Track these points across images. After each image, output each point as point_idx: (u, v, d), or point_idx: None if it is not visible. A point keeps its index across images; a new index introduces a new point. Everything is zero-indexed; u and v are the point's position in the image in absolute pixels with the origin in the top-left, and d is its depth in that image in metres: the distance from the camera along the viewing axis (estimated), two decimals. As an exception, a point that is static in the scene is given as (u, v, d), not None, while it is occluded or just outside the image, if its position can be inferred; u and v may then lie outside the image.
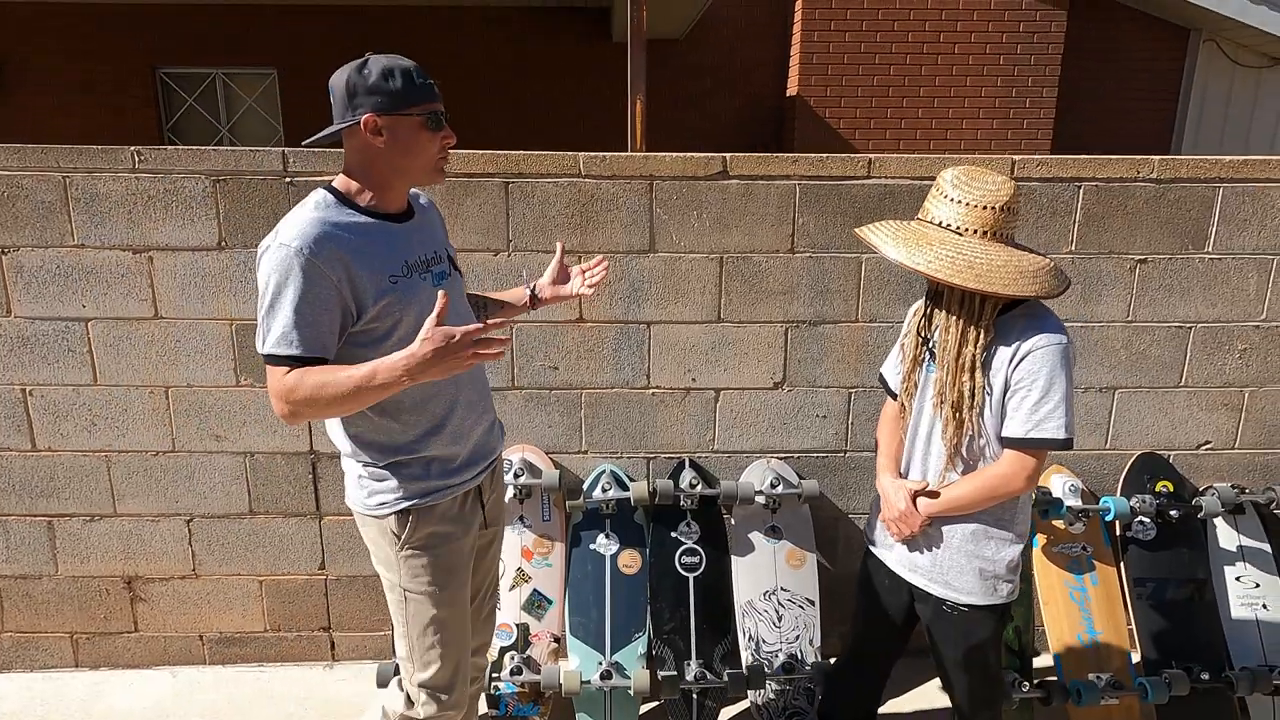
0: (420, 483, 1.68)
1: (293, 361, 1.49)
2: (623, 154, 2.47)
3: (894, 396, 2.01)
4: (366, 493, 1.69)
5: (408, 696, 1.88)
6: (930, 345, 1.85)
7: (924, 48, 6.79)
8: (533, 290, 1.99)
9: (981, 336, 1.73)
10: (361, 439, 1.66)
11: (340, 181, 1.61)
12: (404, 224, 1.66)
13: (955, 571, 1.87)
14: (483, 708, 2.52)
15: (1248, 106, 7.53)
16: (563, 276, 2.01)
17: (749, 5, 7.33)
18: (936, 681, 2.69)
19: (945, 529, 1.87)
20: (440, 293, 1.47)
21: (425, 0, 7.04)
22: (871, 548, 2.07)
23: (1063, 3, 6.78)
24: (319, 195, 1.58)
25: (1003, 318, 1.75)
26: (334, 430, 1.71)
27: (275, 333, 1.49)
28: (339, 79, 1.54)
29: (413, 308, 1.59)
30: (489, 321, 1.60)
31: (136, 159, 2.37)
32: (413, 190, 1.81)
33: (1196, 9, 6.77)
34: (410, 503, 1.68)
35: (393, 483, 1.67)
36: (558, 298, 2.01)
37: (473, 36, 7.45)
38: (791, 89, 7.19)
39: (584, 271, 2.00)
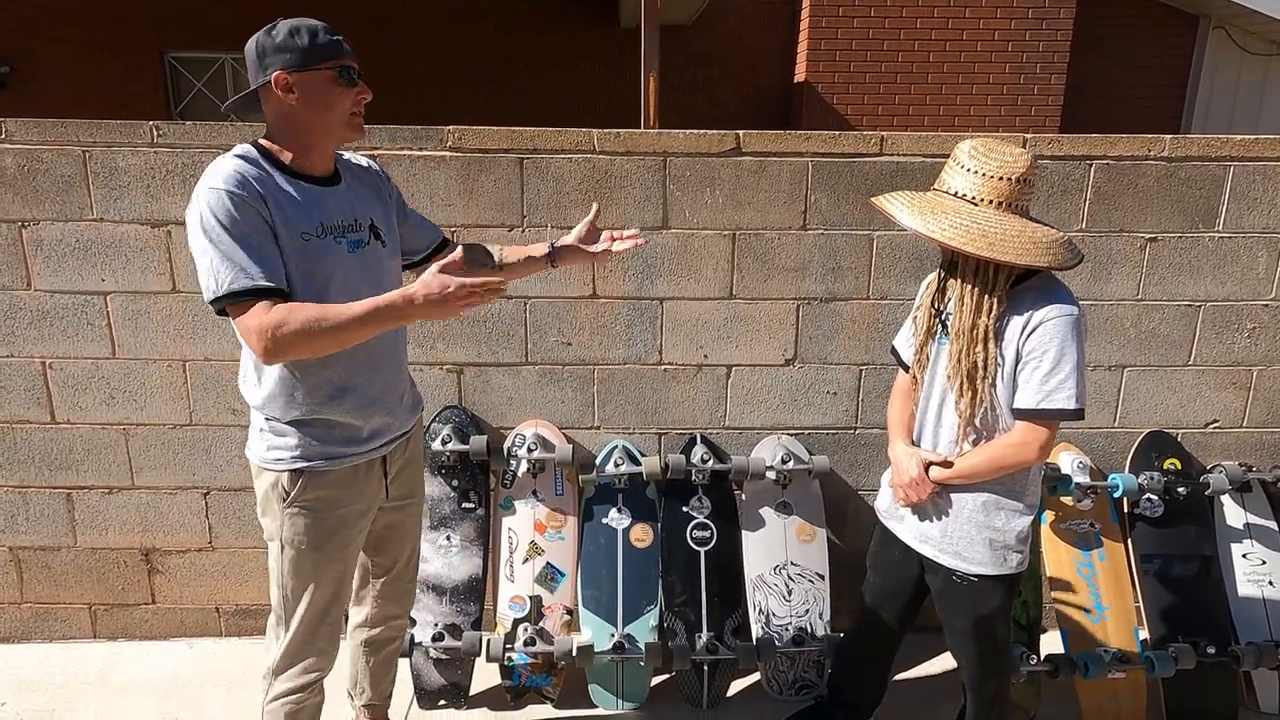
0: (319, 445, 1.70)
1: (256, 294, 1.49)
2: (636, 131, 2.49)
3: (906, 369, 2.03)
4: (265, 446, 1.71)
5: (272, 644, 1.87)
6: (943, 317, 1.87)
7: (932, 34, 6.77)
8: (553, 246, 1.98)
9: (995, 307, 1.75)
10: (269, 393, 1.67)
11: (266, 141, 1.63)
12: (326, 187, 1.66)
13: (965, 542, 1.89)
14: (497, 678, 2.56)
15: (1256, 94, 7.51)
16: (591, 237, 1.99)
17: (757, -9, 7.32)
18: (946, 655, 2.72)
19: (955, 499, 1.89)
20: (460, 249, 1.52)
21: (433, -14, 7.05)
22: (882, 519, 2.09)
23: (1072, -11, 6.77)
24: (244, 148, 1.60)
25: (1015, 289, 1.76)
26: (244, 383, 1.72)
27: (228, 272, 1.48)
28: (250, 44, 1.57)
29: (323, 269, 1.61)
30: (482, 280, 1.51)
31: (155, 133, 2.39)
32: (359, 160, 1.81)
33: (1206, -4, 6.76)
34: (304, 464, 1.69)
35: (291, 440, 1.68)
36: (580, 256, 1.97)
37: (478, 24, 7.45)
38: (799, 75, 7.18)
39: (614, 238, 1.98)
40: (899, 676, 2.67)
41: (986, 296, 1.75)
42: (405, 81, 7.28)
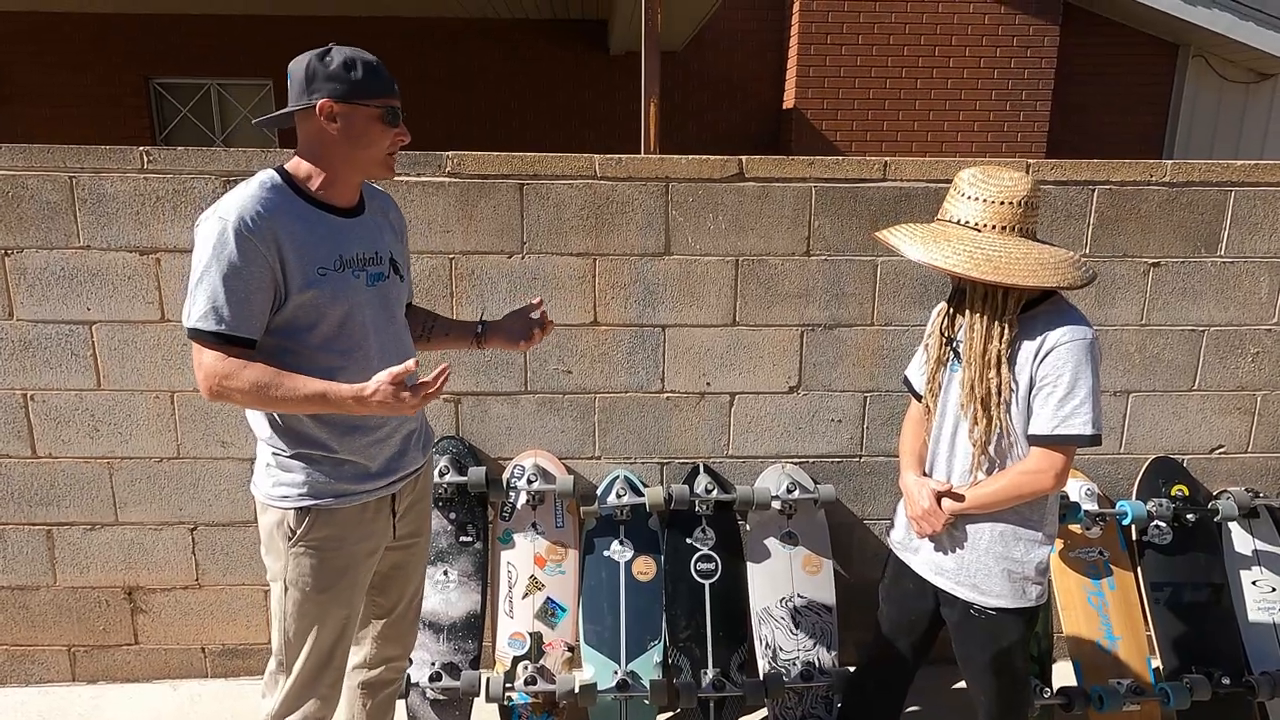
0: (328, 483, 1.64)
1: (220, 339, 1.47)
2: (638, 156, 2.46)
3: (919, 398, 1.99)
4: (272, 482, 1.65)
5: (271, 687, 1.79)
6: (954, 345, 1.84)
7: (919, 61, 6.85)
8: (482, 330, 1.89)
9: (1006, 332, 1.72)
10: (279, 425, 1.62)
11: (291, 165, 1.60)
12: (349, 218, 1.63)
13: (983, 574, 1.85)
14: (496, 718, 2.47)
15: (1235, 121, 7.64)
16: (523, 326, 1.88)
17: (746, 19, 7.38)
18: (960, 688, 2.66)
19: (971, 530, 1.85)
20: (413, 361, 1.49)
21: (421, 13, 7.05)
22: (896, 551, 2.04)
23: (1055, 18, 6.88)
24: (266, 175, 1.57)
25: (1026, 314, 1.74)
26: (253, 414, 1.67)
27: (203, 307, 1.46)
28: (299, 63, 1.55)
29: (340, 304, 1.58)
30: (431, 377, 1.48)
31: (145, 159, 2.34)
32: (378, 190, 1.79)
33: (1186, 25, 6.87)
34: (312, 502, 1.63)
35: (300, 477, 1.63)
36: (506, 344, 1.88)
37: (469, 50, 7.47)
38: (788, 102, 7.23)
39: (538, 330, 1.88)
40: (910, 709, 2.61)
41: (997, 322, 1.72)
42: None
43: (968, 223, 1.70)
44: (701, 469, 2.63)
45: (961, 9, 6.78)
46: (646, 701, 2.41)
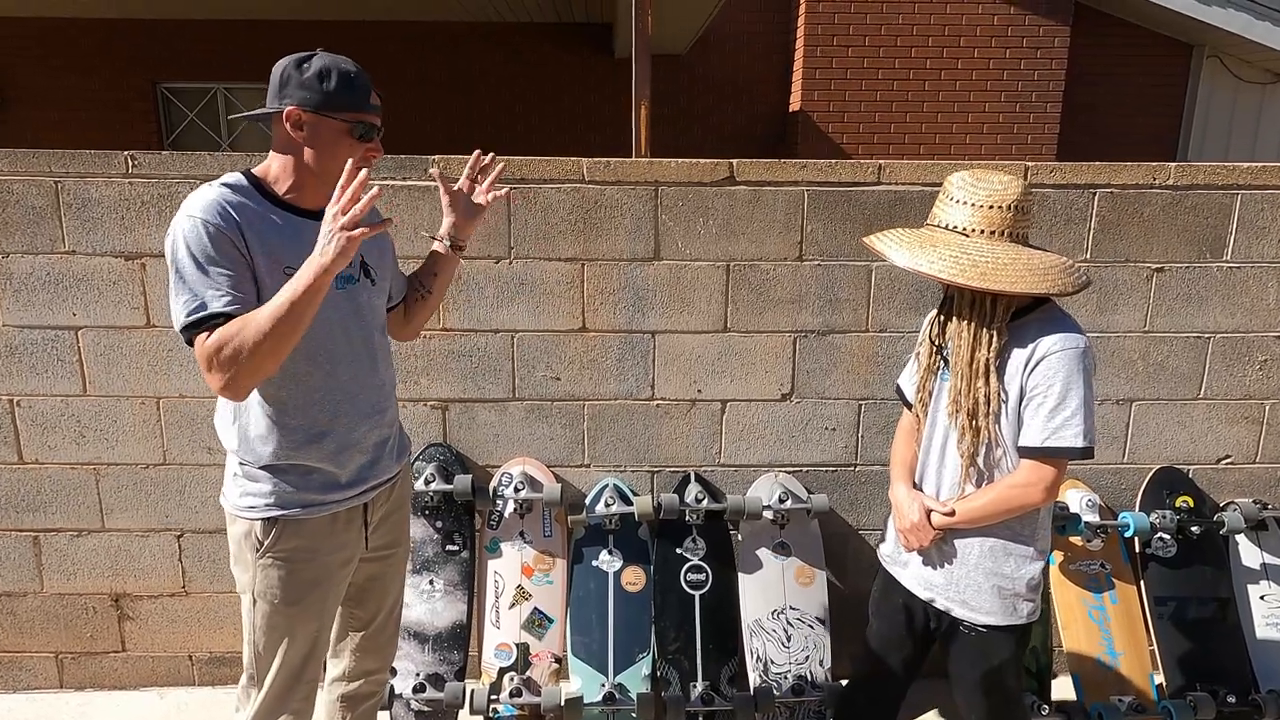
0: (295, 493, 1.61)
1: (217, 319, 1.40)
2: (627, 159, 2.42)
3: (910, 408, 1.95)
4: (239, 492, 1.62)
5: (244, 701, 1.75)
6: (944, 353, 1.80)
7: (927, 63, 6.78)
8: (436, 238, 1.85)
9: (994, 340, 1.67)
10: (245, 434, 1.59)
11: (261, 167, 1.59)
12: (318, 220, 1.56)
13: (973, 590, 1.80)
14: (481, 731, 2.43)
15: (1251, 122, 7.51)
16: (469, 206, 1.83)
17: (751, 20, 7.34)
18: (953, 705, 2.60)
19: (961, 545, 1.80)
20: (350, 161, 1.40)
21: (423, 16, 7.05)
22: (885, 565, 1.99)
23: (1066, 19, 6.78)
24: (233, 177, 1.54)
25: (1018, 322, 1.69)
26: (220, 424, 1.64)
27: (194, 301, 1.41)
28: (278, 66, 1.53)
29: None
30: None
31: (130, 164, 2.32)
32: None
33: (1200, 25, 6.76)
34: (279, 512, 1.60)
35: (266, 487, 1.60)
36: (467, 221, 1.83)
37: (472, 54, 7.46)
38: (794, 104, 7.18)
39: (475, 181, 1.83)
40: (904, 726, 2.55)
41: (984, 329, 1.68)
42: (395, 109, 7.27)
43: (956, 227, 1.66)
44: (692, 477, 2.59)
45: (970, 10, 6.71)
46: (634, 715, 2.37)
